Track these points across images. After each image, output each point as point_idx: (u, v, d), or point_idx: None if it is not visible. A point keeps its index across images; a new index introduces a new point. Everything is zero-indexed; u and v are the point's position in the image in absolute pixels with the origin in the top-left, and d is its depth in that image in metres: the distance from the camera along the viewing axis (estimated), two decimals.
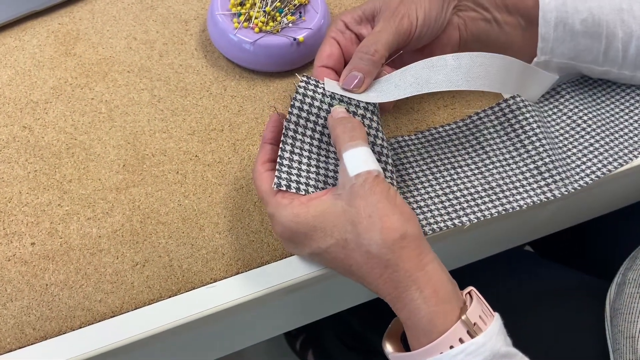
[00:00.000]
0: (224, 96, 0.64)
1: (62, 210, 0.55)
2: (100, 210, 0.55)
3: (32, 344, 0.49)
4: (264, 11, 0.63)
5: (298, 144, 0.51)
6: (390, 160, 0.52)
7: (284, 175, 0.49)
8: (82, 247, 0.53)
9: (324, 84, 0.52)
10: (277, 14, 0.64)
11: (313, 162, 0.51)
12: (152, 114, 0.62)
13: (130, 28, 0.68)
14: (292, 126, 0.51)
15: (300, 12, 0.65)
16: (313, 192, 0.50)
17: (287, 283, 0.53)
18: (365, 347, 1.03)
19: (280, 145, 0.50)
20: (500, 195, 0.57)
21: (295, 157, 0.50)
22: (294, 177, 0.49)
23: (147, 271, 0.53)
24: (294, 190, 0.49)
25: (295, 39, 0.63)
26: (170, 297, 0.52)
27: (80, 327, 0.50)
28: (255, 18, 0.63)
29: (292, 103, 0.51)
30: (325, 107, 0.51)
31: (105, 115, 0.61)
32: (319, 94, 0.52)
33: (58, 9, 0.68)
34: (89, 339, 0.49)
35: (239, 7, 0.64)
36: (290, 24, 0.64)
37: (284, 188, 0.48)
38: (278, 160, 0.49)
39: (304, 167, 0.50)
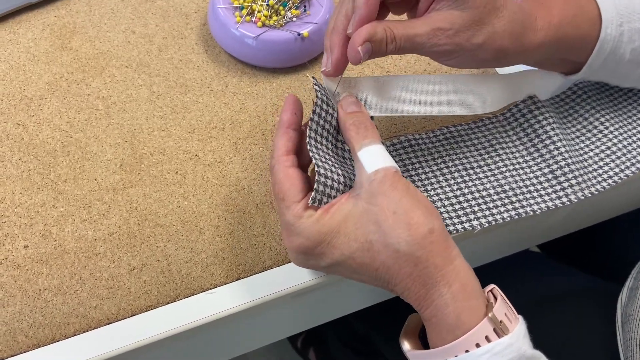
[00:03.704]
0: (225, 93, 0.61)
1: (57, 212, 0.53)
2: (96, 212, 0.53)
3: (24, 351, 0.47)
4: (267, 5, 0.61)
5: (321, 152, 0.47)
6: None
7: (321, 188, 0.44)
8: (77, 250, 0.51)
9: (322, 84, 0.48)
10: (281, 8, 0.62)
11: (334, 168, 0.47)
12: (150, 111, 0.59)
13: (128, 21, 0.65)
14: (312, 134, 0.46)
15: (304, 6, 0.63)
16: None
17: (290, 289, 0.51)
18: (367, 348, 1.02)
19: (313, 159, 0.45)
20: (514, 199, 0.55)
21: (327, 166, 0.46)
22: (327, 190, 0.45)
23: (144, 276, 0.51)
24: (323, 204, 0.45)
25: (299, 34, 0.61)
26: (168, 303, 0.50)
27: (75, 335, 0.48)
28: (258, 12, 0.61)
29: (313, 109, 0.47)
30: (331, 111, 0.48)
31: (102, 112, 0.59)
32: (325, 96, 0.48)
33: (54, 1, 0.66)
34: (84, 347, 0.48)
35: (241, 1, 0.62)
36: (294, 18, 0.62)
37: (316, 204, 0.44)
38: (317, 170, 0.45)
39: (335, 176, 0.46)
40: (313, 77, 0.48)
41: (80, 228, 0.52)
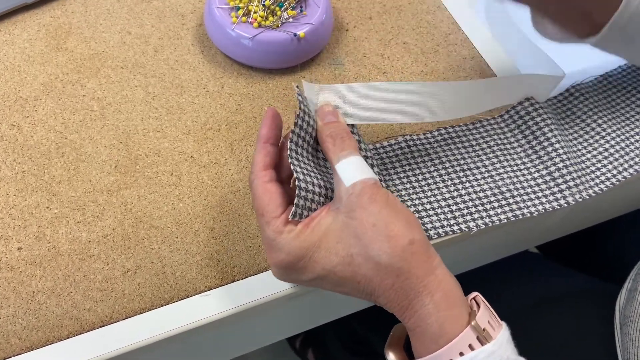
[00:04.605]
0: (221, 94, 0.61)
1: (51, 213, 0.53)
2: (91, 214, 0.53)
3: (17, 354, 0.47)
4: (264, 5, 0.61)
5: (303, 165, 0.47)
6: (375, 165, 0.50)
7: (301, 203, 0.44)
8: (71, 252, 0.51)
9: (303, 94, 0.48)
10: (277, 8, 0.61)
11: (316, 180, 0.47)
12: (146, 112, 0.59)
13: (124, 22, 0.65)
14: (293, 146, 0.46)
15: (301, 7, 0.63)
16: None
17: (286, 291, 0.51)
18: (366, 349, 1.01)
19: (295, 172, 0.45)
20: (511, 200, 0.55)
21: (309, 179, 0.46)
22: (307, 204, 0.45)
23: (138, 278, 0.50)
24: (304, 218, 0.44)
25: (295, 35, 0.61)
26: (162, 305, 0.50)
27: (68, 337, 0.48)
28: (255, 12, 0.61)
29: (295, 121, 0.46)
30: (312, 122, 0.47)
31: (97, 113, 0.58)
32: (307, 107, 0.47)
33: (50, 1, 0.66)
34: (77, 350, 0.47)
35: (237, 1, 0.61)
36: (290, 19, 0.61)
37: (297, 218, 0.44)
38: (297, 184, 0.44)
39: (317, 189, 0.46)
40: (297, 87, 0.47)
41: (75, 230, 0.52)
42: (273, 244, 0.44)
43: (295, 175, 0.45)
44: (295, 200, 0.44)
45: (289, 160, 0.45)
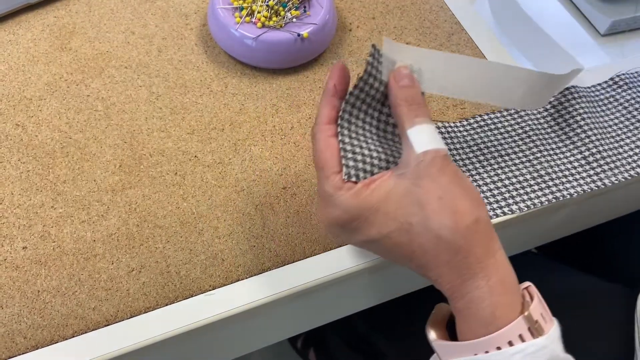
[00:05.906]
0: (224, 94, 0.61)
1: (56, 213, 0.53)
2: (95, 213, 0.53)
3: (22, 353, 0.47)
4: (267, 5, 0.61)
5: (353, 127, 0.45)
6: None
7: (351, 164, 0.43)
8: (75, 251, 0.51)
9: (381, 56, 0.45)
10: (281, 9, 0.61)
11: (373, 146, 0.45)
12: (150, 112, 0.59)
13: (128, 22, 0.65)
14: (348, 108, 0.44)
15: (304, 7, 0.63)
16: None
17: (290, 291, 0.51)
18: (368, 348, 1.01)
19: (339, 130, 0.44)
20: (550, 183, 0.57)
21: (355, 142, 0.44)
22: (360, 165, 0.43)
23: (143, 277, 0.50)
24: (361, 179, 0.43)
25: (299, 35, 0.61)
26: (167, 305, 0.50)
27: (73, 336, 0.48)
28: (258, 12, 0.61)
29: (356, 83, 0.44)
30: (377, 85, 0.45)
31: (101, 113, 0.59)
32: (380, 72, 0.45)
33: (54, 1, 0.66)
34: (82, 349, 0.47)
35: (241, 1, 0.62)
36: (294, 19, 0.62)
37: (353, 179, 0.43)
38: (341, 146, 0.43)
39: (366, 152, 0.44)
40: (373, 45, 0.44)
41: (79, 229, 0.52)
42: (330, 200, 0.43)
43: (340, 137, 0.43)
44: (343, 162, 0.43)
45: (339, 121, 0.44)
